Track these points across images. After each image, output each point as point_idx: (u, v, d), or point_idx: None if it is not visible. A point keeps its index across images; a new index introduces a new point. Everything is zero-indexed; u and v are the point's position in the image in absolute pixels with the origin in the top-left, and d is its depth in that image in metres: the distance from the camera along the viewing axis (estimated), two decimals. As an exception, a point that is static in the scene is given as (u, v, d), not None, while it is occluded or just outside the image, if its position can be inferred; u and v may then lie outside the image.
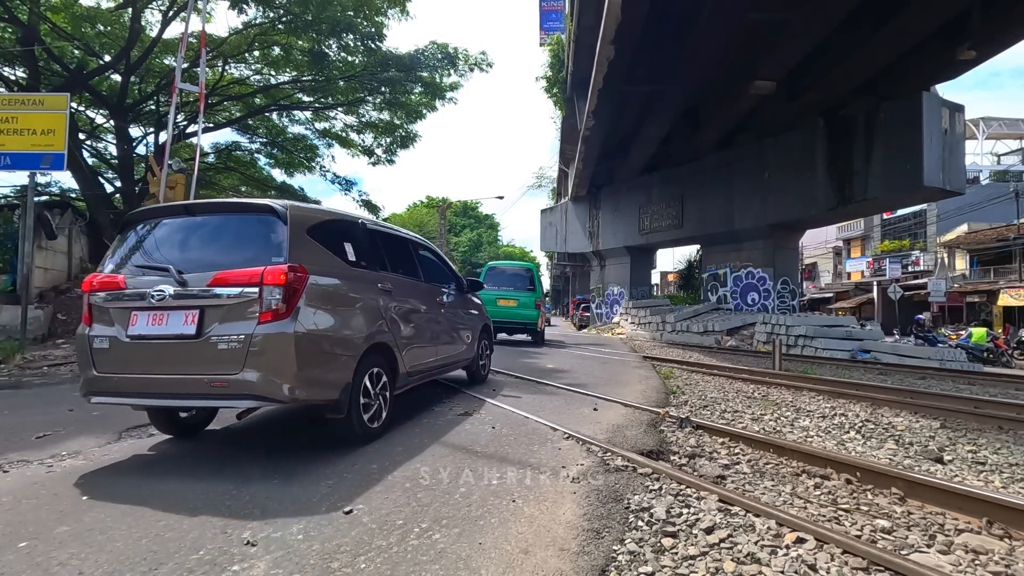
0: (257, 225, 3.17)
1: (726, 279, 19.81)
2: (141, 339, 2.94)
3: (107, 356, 3.00)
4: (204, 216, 3.34)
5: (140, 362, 2.96)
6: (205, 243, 3.19)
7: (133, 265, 3.15)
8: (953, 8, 11.01)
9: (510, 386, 5.84)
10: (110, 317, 3.04)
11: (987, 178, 32.61)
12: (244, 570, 1.76)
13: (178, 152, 13.84)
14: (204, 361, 2.85)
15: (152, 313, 2.93)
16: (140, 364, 2.96)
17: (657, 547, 2.09)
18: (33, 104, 8.25)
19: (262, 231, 3.10)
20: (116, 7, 13.58)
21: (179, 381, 2.88)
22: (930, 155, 13.23)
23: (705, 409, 5.20)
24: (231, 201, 3.51)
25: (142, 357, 2.96)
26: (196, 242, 3.20)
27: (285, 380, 2.83)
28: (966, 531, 2.42)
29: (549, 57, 21.00)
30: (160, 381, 2.93)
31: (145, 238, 3.28)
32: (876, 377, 9.01)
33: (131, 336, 2.95)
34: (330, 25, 13.02)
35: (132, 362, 2.98)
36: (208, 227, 3.29)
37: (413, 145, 17.93)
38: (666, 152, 19.71)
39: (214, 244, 3.18)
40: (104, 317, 3.06)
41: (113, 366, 2.99)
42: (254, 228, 3.18)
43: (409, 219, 48.86)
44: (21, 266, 8.34)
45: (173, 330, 2.89)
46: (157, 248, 3.19)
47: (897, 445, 4.06)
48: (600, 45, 11.97)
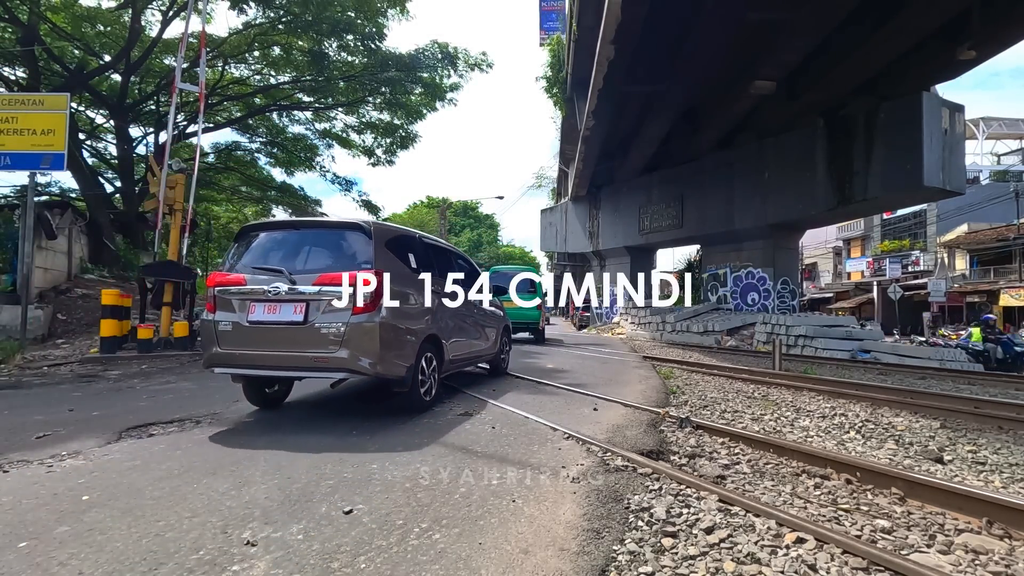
0: (349, 238, 4.04)
1: (726, 279, 19.82)
2: (259, 324, 3.78)
3: (229, 336, 3.85)
4: (306, 230, 4.33)
5: (257, 342, 3.81)
6: (308, 251, 4.07)
7: (251, 267, 3.99)
8: (953, 8, 11.01)
9: (510, 386, 5.84)
10: (232, 306, 3.88)
11: (987, 178, 32.61)
12: (244, 570, 1.76)
13: (178, 152, 13.84)
14: (309, 342, 3.71)
15: (268, 304, 3.80)
16: (257, 343, 3.81)
17: (657, 547, 2.09)
18: (33, 104, 8.25)
19: (353, 243, 3.98)
20: (116, 7, 13.58)
21: (289, 357, 3.74)
22: (930, 155, 13.23)
23: (705, 409, 5.20)
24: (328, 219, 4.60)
25: (259, 338, 3.80)
26: (301, 250, 4.08)
27: (371, 358, 3.70)
28: (966, 531, 2.42)
29: (549, 57, 21.01)
30: (273, 356, 3.77)
31: (259, 246, 4.19)
32: (876, 377, 9.01)
33: (251, 321, 3.80)
34: (330, 25, 13.03)
35: (250, 341, 3.82)
36: (310, 238, 4.19)
37: (413, 145, 17.95)
38: (666, 152, 19.71)
39: (315, 252, 4.05)
40: (227, 306, 3.90)
41: (234, 344, 3.84)
42: (346, 241, 4.04)
43: (409, 219, 48.82)
44: (21, 266, 8.34)
45: (285, 317, 3.75)
46: (269, 254, 4.08)
47: (897, 445, 4.06)
48: (600, 45, 11.97)
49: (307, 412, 4.32)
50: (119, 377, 6.20)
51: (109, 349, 7.52)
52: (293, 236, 4.25)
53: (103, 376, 6.26)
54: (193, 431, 3.66)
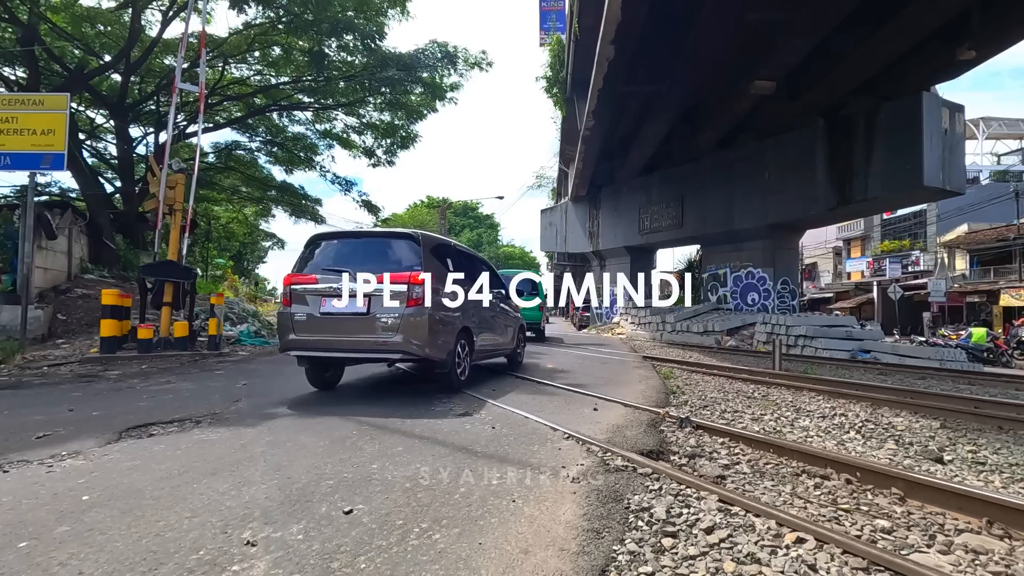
0: (401, 245, 4.93)
1: (726, 279, 19.82)
2: (329, 315, 4.62)
3: (304, 325, 4.68)
4: (366, 239, 5.30)
5: (327, 330, 4.65)
6: (368, 256, 4.92)
7: (321, 268, 4.81)
8: (953, 8, 11.01)
9: (510, 386, 5.84)
10: (306, 301, 4.72)
11: (987, 178, 32.60)
12: (244, 570, 1.76)
13: (178, 152, 13.83)
14: (371, 330, 4.56)
15: (337, 298, 4.62)
16: (327, 331, 4.65)
17: (657, 547, 2.09)
18: (33, 104, 8.25)
19: (404, 249, 4.87)
20: (116, 7, 13.58)
21: (354, 342, 4.59)
22: (930, 155, 13.23)
23: (705, 409, 5.20)
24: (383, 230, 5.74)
25: (329, 326, 4.64)
26: (362, 255, 4.93)
27: (420, 343, 4.55)
28: (966, 531, 2.42)
29: (549, 57, 20.98)
30: (341, 342, 4.61)
31: (326, 251, 5.01)
32: (876, 377, 9.01)
33: (322, 313, 4.64)
34: (330, 24, 13.02)
35: (322, 330, 4.65)
36: (369, 245, 5.13)
37: (414, 145, 17.94)
38: (666, 152, 19.70)
39: (374, 256, 4.90)
40: (301, 300, 4.75)
41: (308, 332, 4.67)
42: (399, 247, 4.93)
43: (409, 219, 48.79)
44: (21, 266, 8.34)
45: (351, 310, 4.59)
46: (336, 258, 4.90)
47: (897, 445, 4.06)
48: (600, 45, 11.97)
49: (306, 414, 4.33)
50: (119, 377, 6.19)
51: (109, 349, 7.52)
52: (354, 243, 5.18)
53: (103, 376, 6.26)
54: (193, 431, 3.66)
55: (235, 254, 31.63)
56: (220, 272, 21.40)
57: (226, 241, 29.59)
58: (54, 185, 17.89)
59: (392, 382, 6.09)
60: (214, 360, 7.97)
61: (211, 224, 24.12)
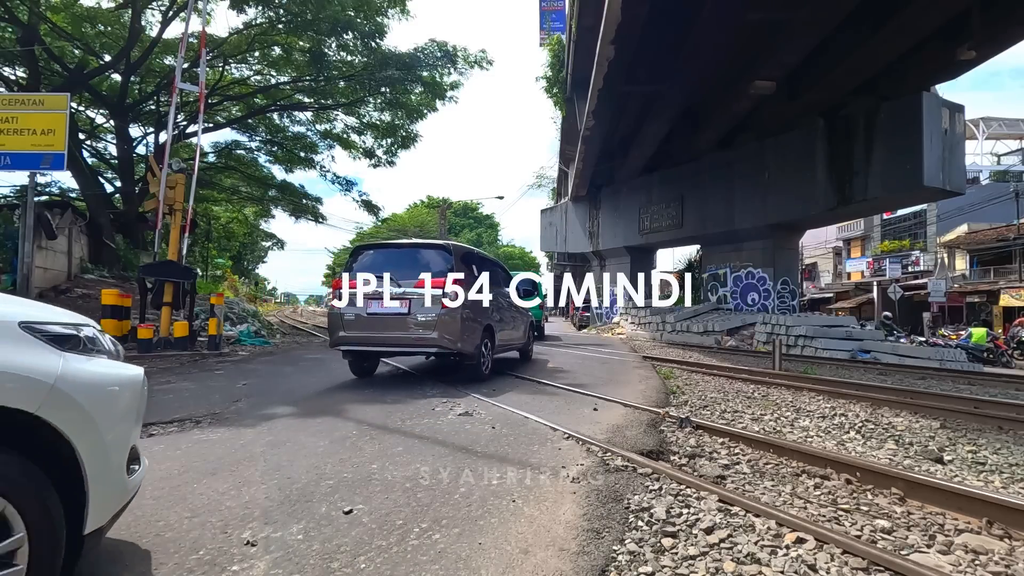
0: (435, 254, 5.77)
1: (726, 279, 19.80)
2: (375, 315, 5.44)
3: (352, 323, 5.53)
4: (404, 249, 6.19)
5: (373, 327, 5.47)
6: (408, 263, 5.72)
7: (366, 274, 5.56)
8: (953, 8, 11.00)
9: (510, 386, 5.84)
10: (354, 303, 5.54)
11: (987, 178, 32.58)
12: (244, 570, 1.76)
13: (178, 152, 13.83)
14: (411, 327, 5.36)
15: (381, 300, 5.43)
16: (373, 328, 5.47)
17: (657, 547, 2.09)
18: (33, 104, 8.25)
19: (438, 258, 5.69)
20: (116, 7, 13.58)
21: (397, 338, 5.44)
22: (930, 155, 13.21)
23: (705, 409, 5.20)
24: (420, 241, 6.41)
25: (375, 324, 5.46)
26: (402, 263, 5.75)
27: (454, 339, 5.35)
28: (966, 531, 2.42)
29: (549, 57, 20.98)
30: (385, 338, 5.46)
31: (370, 259, 5.86)
32: (876, 377, 9.01)
33: (369, 313, 5.46)
34: (330, 24, 13.02)
35: (368, 327, 5.48)
36: (407, 255, 6.00)
37: (414, 145, 17.94)
38: (666, 152, 19.69)
39: (413, 264, 5.70)
40: (350, 302, 5.56)
41: (356, 330, 5.53)
42: (433, 256, 5.76)
43: (409, 220, 48.73)
44: (21, 266, 8.34)
45: (394, 310, 5.39)
46: (379, 265, 5.67)
47: (897, 445, 4.06)
48: (600, 45, 11.96)
49: (306, 414, 4.33)
50: (119, 377, 6.18)
51: (109, 349, 7.50)
52: (395, 253, 6.04)
53: (103, 376, 6.24)
54: (193, 431, 3.66)
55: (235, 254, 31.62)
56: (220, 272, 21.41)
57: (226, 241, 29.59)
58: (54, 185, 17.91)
59: (392, 382, 6.09)
60: (214, 360, 7.97)
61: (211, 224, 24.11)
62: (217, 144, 21.18)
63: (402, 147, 18.00)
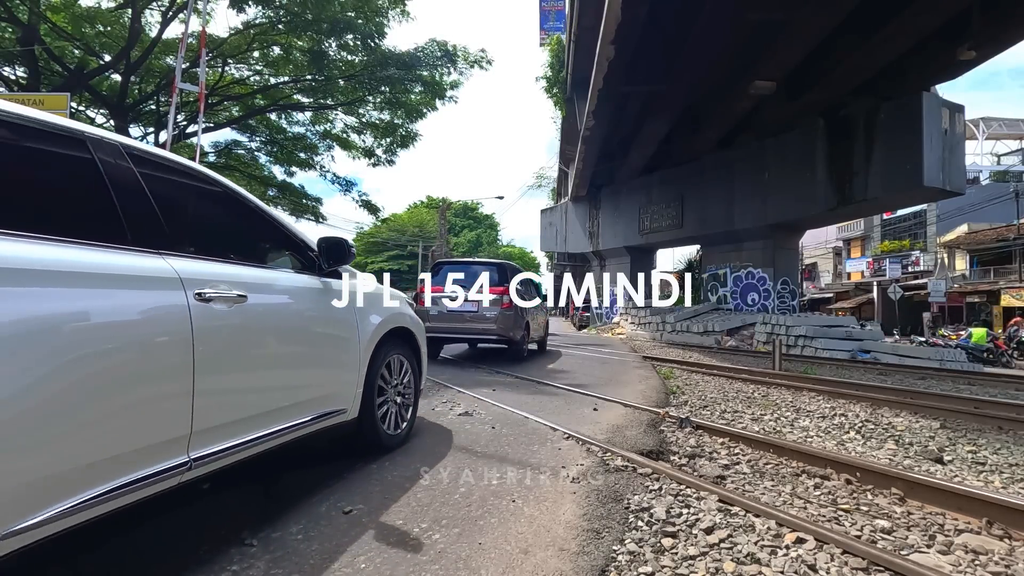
0: (494, 269, 7.75)
1: (726, 279, 19.80)
2: (453, 312, 7.44)
3: (435, 318, 7.41)
4: (472, 265, 8.01)
5: (452, 321, 7.46)
6: (474, 275, 7.54)
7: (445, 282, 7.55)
8: (953, 8, 11.00)
9: (510, 386, 5.84)
10: (437, 302, 7.49)
11: (987, 178, 32.60)
12: (243, 570, 1.76)
13: (178, 152, 13.83)
14: (480, 322, 7.39)
15: (458, 301, 7.41)
16: (452, 322, 7.45)
17: (657, 547, 2.09)
18: (33, 104, 8.22)
19: (496, 272, 7.66)
20: (116, 7, 13.58)
21: (468, 328, 7.48)
22: (930, 155, 13.21)
23: (705, 409, 5.20)
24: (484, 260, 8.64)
25: (453, 318, 7.45)
26: (472, 275, 7.57)
27: (509, 331, 7.43)
28: (966, 531, 2.42)
29: (549, 57, 20.99)
30: (460, 328, 7.50)
31: (447, 272, 7.73)
32: (876, 377, 9.01)
33: (449, 310, 7.46)
34: (330, 24, 13.02)
35: (448, 321, 7.46)
36: (476, 269, 7.76)
37: (413, 145, 17.89)
38: (666, 152, 19.68)
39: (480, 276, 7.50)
40: (434, 302, 7.52)
41: (437, 323, 7.39)
42: (493, 271, 7.70)
43: (409, 220, 48.72)
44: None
45: (467, 309, 7.40)
46: (454, 276, 7.58)
47: (897, 445, 4.06)
48: (600, 45, 11.96)
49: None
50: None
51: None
52: (465, 267, 7.87)
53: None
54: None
55: (235, 254, 31.53)
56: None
57: (226, 241, 29.52)
58: (54, 185, 17.84)
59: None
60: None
61: (211, 224, 24.07)
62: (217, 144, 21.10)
63: (401, 146, 17.96)
